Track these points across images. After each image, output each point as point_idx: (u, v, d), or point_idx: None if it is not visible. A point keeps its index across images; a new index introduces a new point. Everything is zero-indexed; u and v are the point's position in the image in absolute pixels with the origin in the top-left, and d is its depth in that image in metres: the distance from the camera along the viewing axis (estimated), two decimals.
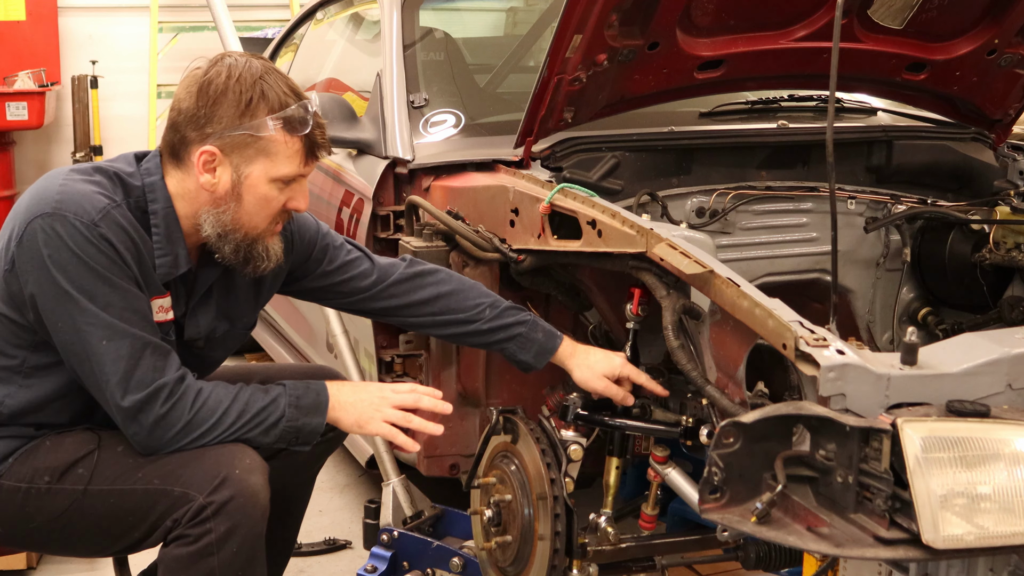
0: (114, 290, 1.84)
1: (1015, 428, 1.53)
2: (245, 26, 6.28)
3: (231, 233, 1.94)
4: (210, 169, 1.90)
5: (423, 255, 2.45)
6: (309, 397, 1.97)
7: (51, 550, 2.17)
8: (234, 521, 1.85)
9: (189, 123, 1.89)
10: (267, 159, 1.90)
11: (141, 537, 1.93)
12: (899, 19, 2.55)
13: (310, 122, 1.91)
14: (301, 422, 1.94)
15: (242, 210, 1.93)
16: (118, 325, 1.83)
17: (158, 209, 1.93)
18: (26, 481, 1.92)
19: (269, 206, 1.94)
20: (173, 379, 1.87)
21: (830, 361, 1.59)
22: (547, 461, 2.10)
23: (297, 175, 1.94)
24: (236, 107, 1.87)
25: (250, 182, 1.91)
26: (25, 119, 5.97)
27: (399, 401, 2.02)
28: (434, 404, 2.05)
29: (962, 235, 2.69)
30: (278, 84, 1.90)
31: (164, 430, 1.86)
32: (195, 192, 1.93)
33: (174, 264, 1.95)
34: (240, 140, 1.88)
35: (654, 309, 2.06)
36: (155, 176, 1.94)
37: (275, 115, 1.88)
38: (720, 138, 2.74)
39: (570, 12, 2.27)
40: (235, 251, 1.96)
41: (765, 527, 1.55)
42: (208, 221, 1.93)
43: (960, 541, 1.48)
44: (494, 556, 2.24)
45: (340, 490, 3.49)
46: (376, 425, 1.99)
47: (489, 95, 3.29)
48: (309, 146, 1.93)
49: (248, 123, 1.87)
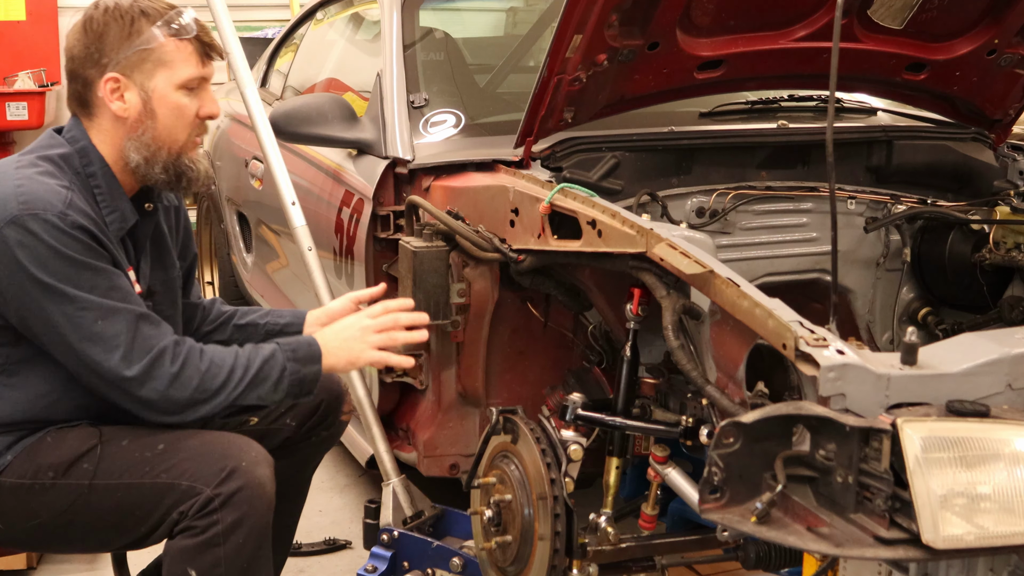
0: (96, 273, 1.88)
1: (1015, 428, 1.54)
2: (245, 26, 6.27)
3: (156, 153, 2.00)
4: (119, 96, 1.97)
5: (423, 255, 2.45)
6: (303, 349, 2.02)
7: (56, 547, 2.18)
8: (241, 512, 1.86)
9: (85, 63, 1.97)
10: (166, 68, 1.97)
11: (148, 531, 1.94)
12: (899, 19, 2.55)
13: (193, 25, 2.00)
14: (303, 373, 1.99)
15: (159, 125, 1.99)
16: (108, 304, 1.87)
17: (95, 171, 1.99)
18: (29, 477, 1.93)
19: (183, 115, 2.01)
20: (171, 341, 1.91)
21: (830, 361, 1.59)
22: (547, 461, 2.10)
23: (198, 78, 2.01)
24: (122, 30, 1.95)
25: (158, 95, 1.98)
26: (25, 119, 5.97)
27: (379, 325, 2.07)
28: (411, 318, 2.11)
29: (962, 235, 2.69)
30: (153, 1, 1.99)
31: (181, 388, 1.89)
32: (112, 129, 1.99)
33: (122, 219, 2.00)
34: (136, 58, 1.96)
35: (654, 309, 2.06)
36: (83, 141, 2.00)
37: (159, 24, 1.96)
38: (720, 138, 2.74)
39: (570, 12, 2.27)
40: (165, 171, 2.02)
41: (765, 527, 1.55)
42: (132, 149, 1.99)
43: (960, 541, 1.48)
44: (494, 556, 2.24)
45: (340, 490, 3.49)
46: (368, 356, 2.06)
47: (489, 95, 3.29)
48: (200, 47, 2.01)
49: (137, 40, 1.95)
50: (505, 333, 2.63)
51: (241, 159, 4.09)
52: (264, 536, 1.91)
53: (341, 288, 2.99)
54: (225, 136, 4.49)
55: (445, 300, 2.49)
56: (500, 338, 2.62)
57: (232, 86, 4.62)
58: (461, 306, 2.52)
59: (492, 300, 2.53)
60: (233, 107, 4.42)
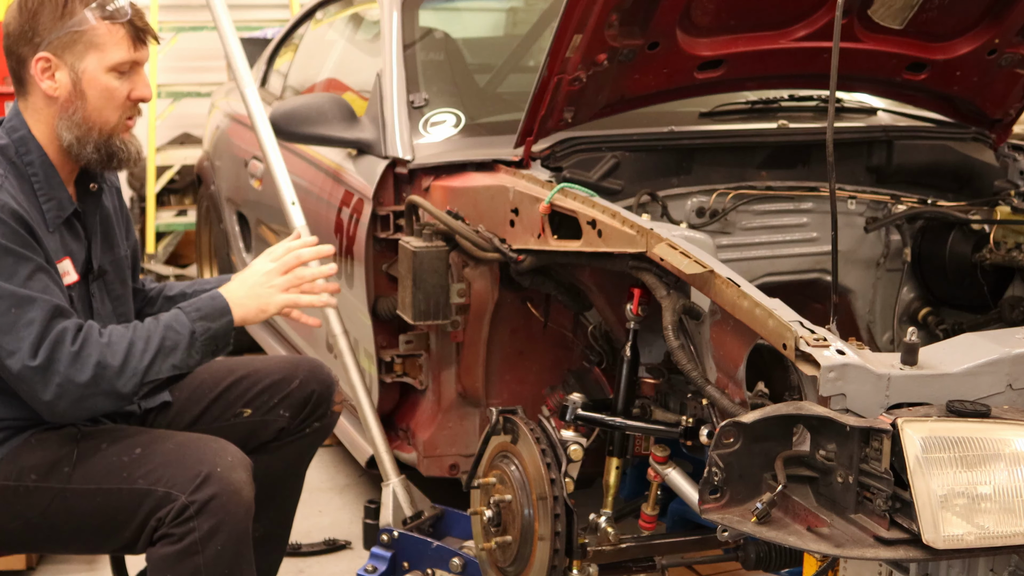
0: (19, 261, 1.87)
1: (1015, 428, 1.54)
2: (245, 26, 6.27)
3: (86, 134, 2.00)
4: (49, 75, 1.97)
5: (423, 255, 2.45)
6: (207, 305, 1.99)
7: (47, 548, 2.18)
8: (218, 519, 1.85)
9: (19, 41, 1.97)
10: (97, 51, 1.97)
11: (132, 537, 1.94)
12: (899, 19, 2.55)
13: (127, 9, 1.99)
14: (213, 329, 1.97)
15: (89, 106, 1.99)
16: (23, 292, 1.86)
17: (33, 159, 1.99)
18: (13, 479, 1.93)
19: (114, 97, 2.00)
20: (73, 323, 1.89)
21: (830, 361, 1.59)
22: (547, 461, 2.10)
23: (130, 62, 2.01)
24: (55, 11, 1.95)
25: (88, 77, 1.98)
26: None
27: (282, 266, 2.04)
28: (316, 251, 2.07)
29: (962, 235, 2.69)
30: None
31: (82, 367, 1.85)
32: (45, 107, 1.99)
33: (59, 207, 2.00)
34: (67, 39, 1.96)
35: (654, 309, 2.06)
36: (22, 130, 2.01)
37: (92, 7, 1.96)
38: (720, 138, 2.74)
39: (570, 12, 2.27)
40: (96, 150, 2.02)
41: (765, 527, 1.55)
42: (64, 128, 2.00)
43: (960, 541, 1.48)
44: (494, 556, 2.24)
45: (340, 490, 3.49)
46: (276, 300, 2.02)
47: (489, 95, 3.29)
48: (133, 31, 2.00)
49: (69, 21, 1.95)
50: (505, 333, 2.63)
51: (241, 159, 4.09)
52: (243, 541, 1.90)
53: (342, 288, 2.99)
54: (225, 136, 4.48)
55: (445, 300, 2.49)
56: (500, 338, 2.62)
57: (232, 86, 4.62)
58: (461, 306, 2.52)
59: (492, 300, 2.53)
60: (233, 107, 4.42)
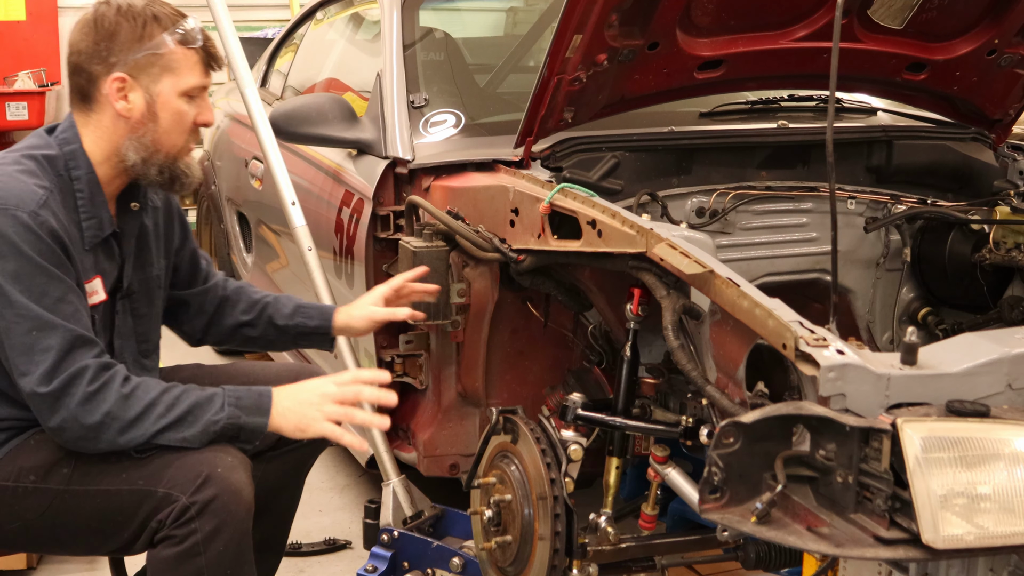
0: (51, 280, 1.87)
1: (1015, 428, 1.54)
2: (245, 26, 6.27)
3: (154, 155, 2.02)
4: (123, 96, 1.99)
5: (423, 255, 2.45)
6: (250, 398, 1.95)
7: (45, 549, 2.19)
8: (219, 519, 1.85)
9: (92, 59, 1.98)
10: (172, 74, 2.00)
11: (131, 538, 1.93)
12: (899, 19, 2.55)
13: (201, 35, 2.03)
14: (243, 420, 1.93)
15: (160, 129, 2.01)
16: (48, 317, 1.85)
17: (81, 175, 2.00)
18: (12, 480, 1.93)
19: (183, 121, 2.03)
20: (97, 362, 1.87)
21: (830, 361, 1.59)
22: (547, 461, 2.10)
23: (200, 86, 2.05)
24: (133, 32, 1.97)
25: (162, 99, 2.00)
26: (25, 119, 5.97)
27: (340, 396, 1.98)
28: (376, 397, 2.03)
29: (962, 235, 2.69)
30: (164, 6, 2.03)
31: (92, 411, 1.83)
32: (112, 126, 2.01)
33: (99, 227, 2.01)
34: (144, 61, 1.98)
35: (654, 309, 2.06)
36: (74, 144, 2.01)
37: (170, 31, 1.99)
38: (720, 138, 2.74)
39: (570, 12, 2.27)
40: (160, 172, 2.04)
41: (765, 527, 1.55)
42: (131, 148, 2.01)
43: (960, 541, 1.48)
44: (494, 556, 2.24)
45: (340, 490, 3.49)
46: (318, 427, 1.96)
47: (489, 95, 3.29)
48: (206, 57, 2.04)
49: (148, 44, 1.98)
50: (505, 333, 2.63)
51: (241, 159, 4.09)
52: (244, 541, 1.90)
53: (341, 288, 2.99)
54: (225, 136, 4.48)
55: (445, 300, 2.49)
56: (500, 338, 2.62)
57: (232, 86, 4.62)
58: (461, 306, 2.52)
59: (492, 300, 2.53)
60: (233, 107, 4.42)
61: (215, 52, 2.06)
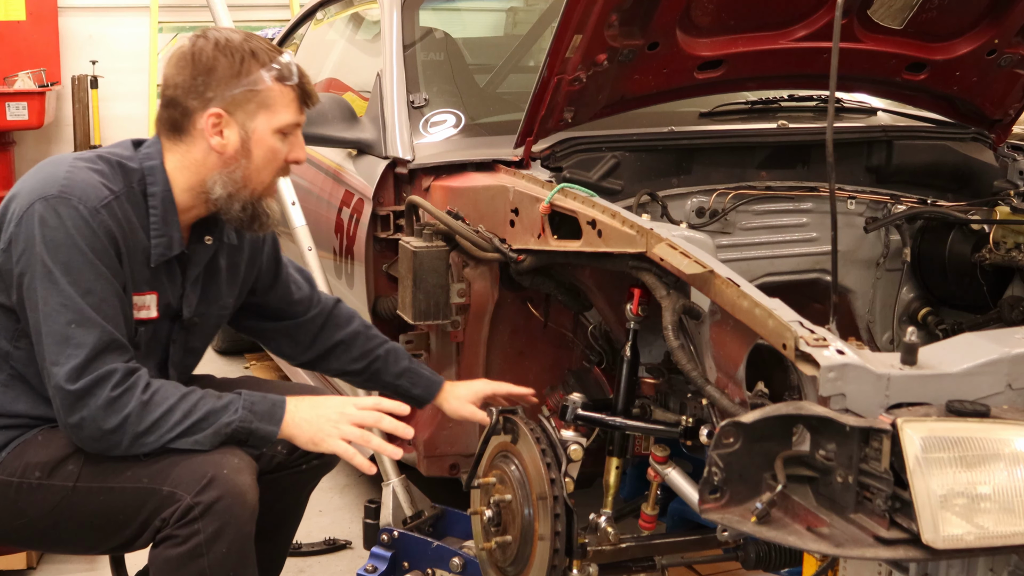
0: (99, 278, 1.87)
1: (1015, 428, 1.53)
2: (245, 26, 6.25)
3: (240, 191, 2.01)
4: (218, 131, 1.98)
5: (423, 255, 2.45)
6: (264, 405, 1.96)
7: (44, 546, 2.19)
8: (223, 521, 1.85)
9: (189, 93, 1.97)
10: (268, 111, 1.99)
11: (132, 536, 1.93)
12: (899, 19, 2.55)
13: (297, 71, 2.03)
14: (254, 426, 1.93)
15: (252, 166, 2.01)
16: (90, 313, 1.85)
17: (157, 192, 1.99)
18: (17, 476, 1.93)
19: (276, 159, 2.03)
20: (124, 367, 1.87)
21: (830, 361, 1.59)
22: (547, 461, 2.10)
23: (295, 123, 2.04)
24: (231, 68, 1.96)
25: (257, 136, 2.00)
26: (25, 119, 5.98)
27: (359, 418, 1.99)
28: (395, 427, 2.03)
29: (962, 235, 2.69)
30: (261, 43, 2.02)
31: (112, 415, 1.84)
32: (202, 159, 2.00)
33: (168, 246, 2.00)
34: (241, 97, 1.97)
35: (654, 309, 2.06)
36: (155, 160, 2.01)
37: (267, 67, 1.98)
38: (720, 138, 2.74)
39: (570, 12, 2.27)
40: (243, 209, 2.03)
41: (765, 527, 1.55)
42: (218, 182, 2.00)
43: (960, 541, 1.48)
44: (494, 556, 2.24)
45: (340, 490, 3.49)
46: (332, 443, 1.96)
47: (489, 95, 3.29)
48: (301, 94, 2.04)
49: (245, 80, 1.97)
50: (505, 333, 2.63)
51: None
52: (247, 544, 1.90)
53: (341, 288, 2.99)
54: None
55: (445, 300, 2.49)
56: (500, 338, 2.62)
57: None
58: (461, 306, 2.52)
59: (492, 300, 2.53)
60: None
61: (310, 89, 2.05)
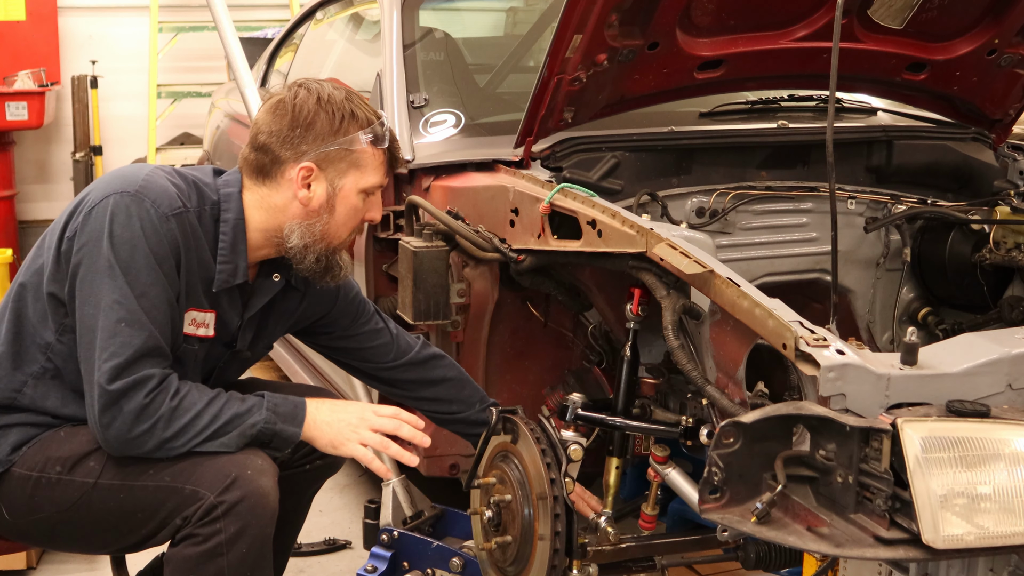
0: (155, 283, 1.89)
1: (1015, 428, 1.54)
2: (245, 26, 6.28)
3: (317, 243, 2.05)
4: (306, 184, 2.02)
5: (423, 255, 2.45)
6: (287, 407, 1.99)
7: (54, 544, 2.18)
8: (244, 522, 1.86)
9: (283, 144, 2.01)
10: (357, 171, 2.04)
11: (149, 534, 1.94)
12: (899, 19, 2.55)
13: (389, 135, 2.07)
14: (278, 427, 1.96)
15: (333, 221, 2.05)
16: (141, 316, 1.87)
17: (230, 219, 2.02)
18: (37, 470, 1.93)
19: (355, 216, 2.08)
20: (160, 373, 1.89)
21: (830, 361, 1.59)
22: (547, 461, 2.10)
23: (379, 186, 2.08)
24: (330, 125, 2.00)
25: (343, 194, 2.04)
26: (25, 119, 5.97)
27: (378, 425, 2.03)
28: (413, 435, 2.06)
29: (962, 235, 2.69)
30: (361, 103, 2.06)
31: (142, 421, 1.86)
32: (283, 206, 2.03)
33: (232, 273, 2.02)
34: (335, 155, 2.01)
35: (654, 309, 2.06)
36: (233, 189, 2.04)
37: (365, 130, 2.03)
38: (720, 138, 2.74)
39: (570, 12, 2.27)
40: (317, 261, 2.06)
41: (765, 527, 1.55)
42: (296, 232, 2.03)
43: (960, 541, 1.48)
44: (494, 556, 2.24)
45: (340, 490, 3.49)
46: (351, 447, 2.00)
47: (489, 95, 3.29)
48: (391, 158, 2.09)
49: (342, 139, 2.01)
50: (505, 333, 2.63)
51: None
52: (266, 546, 1.90)
53: None
54: (225, 136, 4.48)
55: (445, 300, 2.49)
56: (500, 338, 2.62)
57: (232, 86, 4.62)
58: (461, 306, 2.52)
59: (492, 300, 2.53)
60: (233, 107, 4.42)
61: (399, 155, 2.10)
